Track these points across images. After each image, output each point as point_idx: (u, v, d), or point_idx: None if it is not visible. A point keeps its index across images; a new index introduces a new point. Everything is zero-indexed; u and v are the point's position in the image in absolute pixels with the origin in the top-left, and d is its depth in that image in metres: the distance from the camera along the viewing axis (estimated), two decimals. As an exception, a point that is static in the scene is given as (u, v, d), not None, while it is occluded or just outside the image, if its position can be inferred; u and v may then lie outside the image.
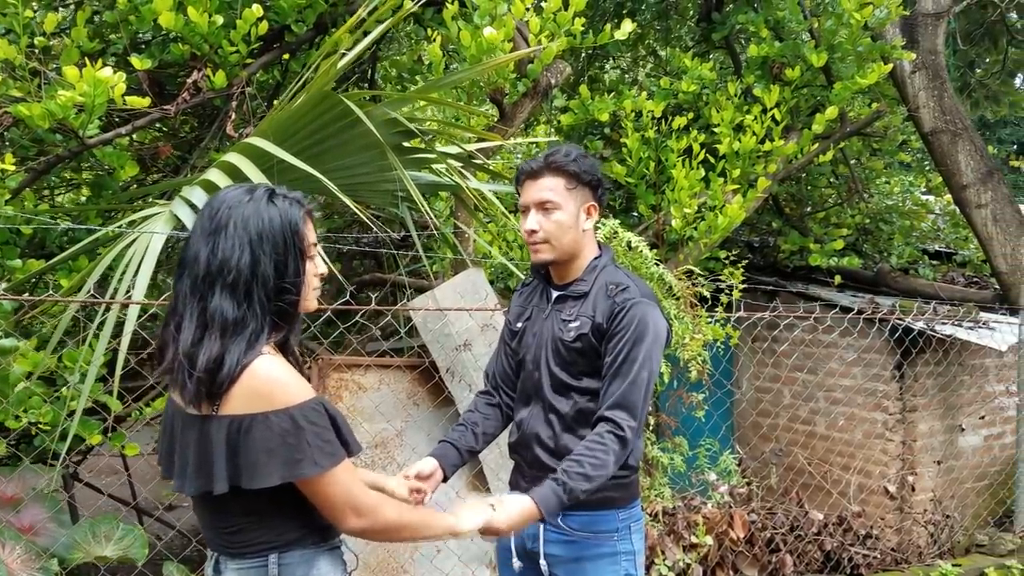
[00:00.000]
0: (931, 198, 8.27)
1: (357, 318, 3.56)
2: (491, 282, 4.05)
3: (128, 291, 2.71)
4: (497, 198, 3.97)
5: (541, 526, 2.39)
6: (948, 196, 7.01)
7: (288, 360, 1.78)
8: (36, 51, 3.52)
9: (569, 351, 2.32)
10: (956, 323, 5.34)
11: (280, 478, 1.63)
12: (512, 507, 2.09)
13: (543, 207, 2.33)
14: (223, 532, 1.76)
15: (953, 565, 4.99)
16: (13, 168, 3.22)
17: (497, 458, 3.59)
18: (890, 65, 5.40)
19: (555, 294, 2.42)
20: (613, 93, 5.52)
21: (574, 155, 2.34)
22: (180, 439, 1.74)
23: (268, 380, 1.64)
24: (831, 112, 5.20)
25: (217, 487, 1.64)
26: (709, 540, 4.19)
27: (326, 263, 1.99)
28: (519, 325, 2.50)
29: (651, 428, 4.41)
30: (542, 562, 2.39)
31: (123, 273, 2.75)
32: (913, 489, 5.46)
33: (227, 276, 1.66)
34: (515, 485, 2.51)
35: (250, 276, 1.67)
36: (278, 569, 1.73)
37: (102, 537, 3.17)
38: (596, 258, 2.40)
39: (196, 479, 1.68)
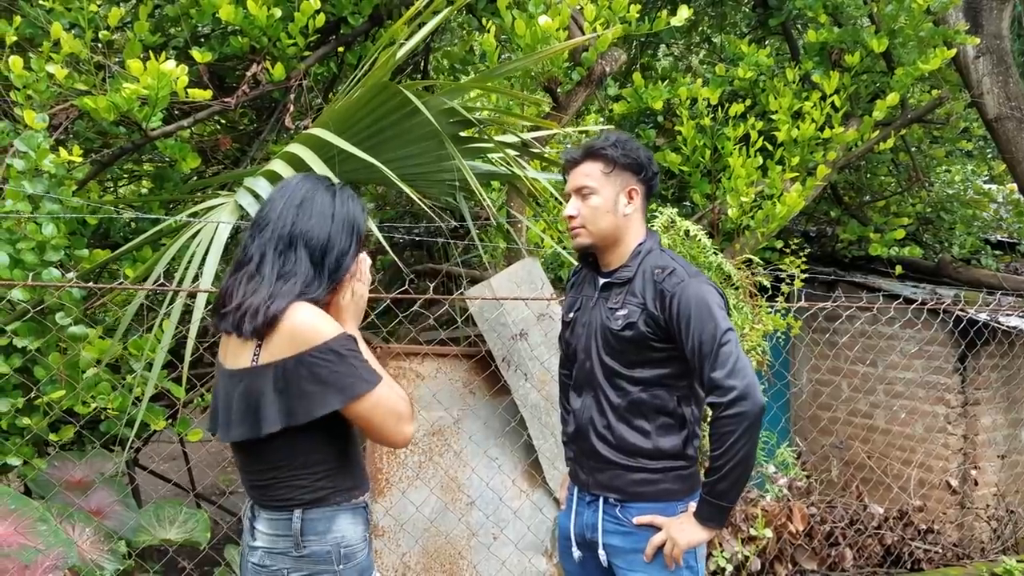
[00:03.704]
0: (993, 186, 8.06)
1: (415, 307, 3.58)
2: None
3: (195, 279, 2.76)
4: (551, 186, 3.96)
5: (600, 516, 2.39)
6: (1012, 184, 6.83)
7: None
8: (100, 45, 3.59)
9: (618, 340, 2.31)
10: (1021, 315, 5.19)
11: (340, 402, 1.82)
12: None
13: (581, 193, 2.35)
14: (257, 484, 1.95)
15: (1018, 561, 4.86)
16: (80, 160, 3.29)
17: (553, 447, 3.59)
18: (953, 50, 5.27)
19: (601, 281, 2.41)
20: (667, 81, 5.46)
21: (612, 140, 2.34)
22: (224, 394, 1.92)
23: (305, 321, 1.82)
24: (892, 98, 5.08)
25: (267, 427, 1.82)
26: (768, 533, 4.14)
27: (388, 251, 2.17)
28: (571, 316, 2.51)
29: (708, 420, 4.36)
30: (601, 552, 2.39)
31: (189, 262, 2.79)
32: (976, 483, 5.34)
33: (308, 241, 1.90)
34: (574, 477, 2.50)
35: (325, 246, 1.91)
36: (300, 523, 1.90)
37: (166, 521, 3.24)
38: (641, 243, 2.38)
39: (240, 426, 1.86)
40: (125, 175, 4.95)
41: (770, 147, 5.02)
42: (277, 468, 1.91)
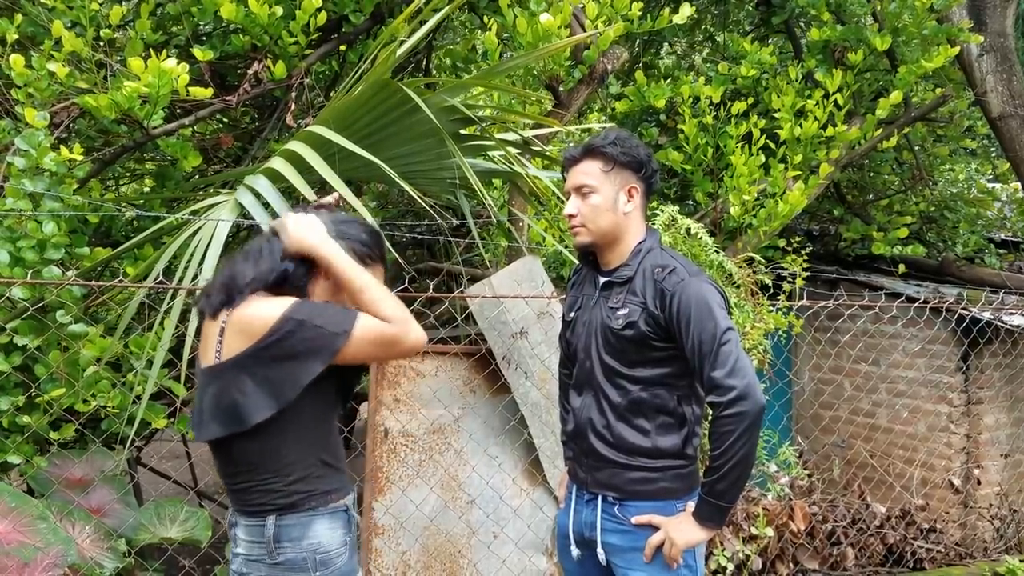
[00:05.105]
0: (997, 185, 8.05)
1: (416, 305, 3.57)
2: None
3: (195, 277, 2.75)
4: (552, 185, 3.96)
5: (599, 515, 2.38)
6: (1015, 183, 6.82)
7: None
8: (102, 43, 3.59)
9: (619, 339, 2.30)
10: (1024, 313, 5.19)
11: (322, 363, 1.83)
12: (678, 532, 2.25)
13: (580, 191, 2.35)
14: (233, 489, 1.95)
15: (1021, 560, 4.85)
16: (81, 158, 3.29)
17: (553, 445, 3.58)
18: (956, 48, 5.25)
19: (602, 280, 2.40)
20: (669, 79, 5.45)
21: (612, 138, 2.33)
22: (199, 393, 1.94)
23: (253, 312, 1.86)
24: (895, 97, 5.07)
25: (256, 417, 1.83)
26: (769, 532, 4.13)
27: (389, 249, 2.25)
28: (571, 315, 2.50)
29: (708, 419, 4.36)
30: (599, 551, 2.38)
31: (189, 260, 2.79)
32: (979, 483, 5.33)
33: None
34: (573, 475, 2.50)
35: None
36: (274, 530, 1.89)
37: (167, 519, 3.24)
38: (641, 242, 2.37)
39: (211, 424, 1.88)
40: (126, 173, 4.95)
41: (772, 145, 5.01)
42: (249, 471, 1.90)
